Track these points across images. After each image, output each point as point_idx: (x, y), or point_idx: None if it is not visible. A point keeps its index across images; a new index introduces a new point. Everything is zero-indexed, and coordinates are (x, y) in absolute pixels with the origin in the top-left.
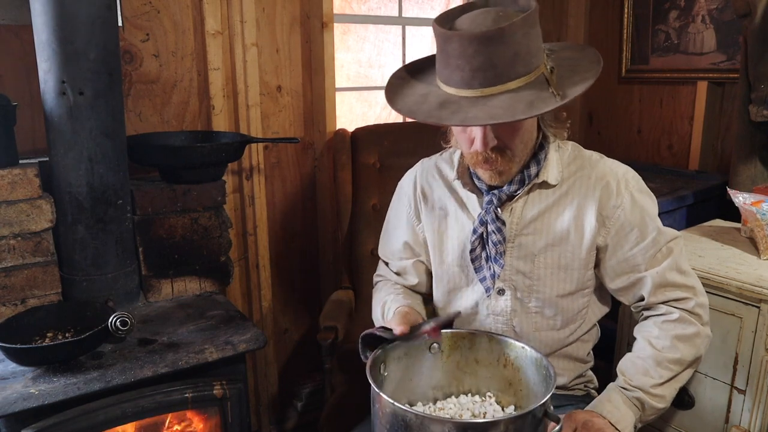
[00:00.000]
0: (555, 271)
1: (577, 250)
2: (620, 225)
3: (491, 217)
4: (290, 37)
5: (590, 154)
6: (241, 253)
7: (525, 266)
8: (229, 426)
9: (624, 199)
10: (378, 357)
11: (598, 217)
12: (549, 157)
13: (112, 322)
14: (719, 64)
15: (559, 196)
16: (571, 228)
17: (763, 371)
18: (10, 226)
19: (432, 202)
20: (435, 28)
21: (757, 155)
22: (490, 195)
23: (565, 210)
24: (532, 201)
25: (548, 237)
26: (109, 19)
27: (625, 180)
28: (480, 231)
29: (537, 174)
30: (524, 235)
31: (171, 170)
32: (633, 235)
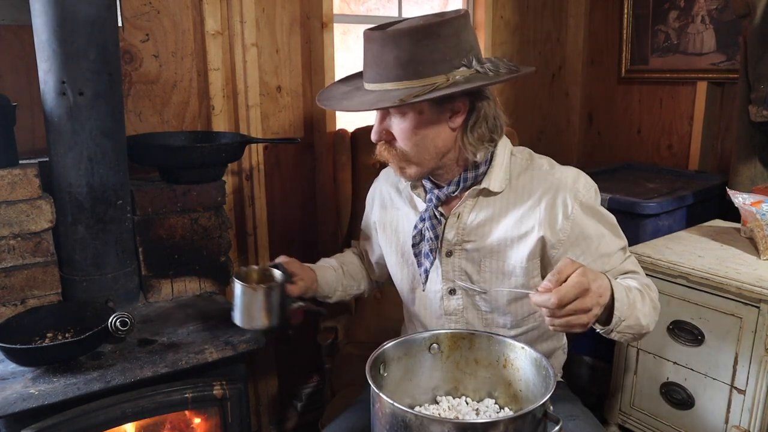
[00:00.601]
0: (499, 276)
1: (519, 258)
2: (567, 236)
3: (428, 215)
4: (290, 38)
5: (541, 163)
6: (241, 253)
7: (472, 270)
8: (229, 426)
9: (574, 210)
10: (378, 357)
11: (543, 226)
12: (494, 164)
13: (112, 322)
14: (719, 64)
15: (506, 204)
16: (514, 236)
17: (763, 371)
18: (10, 226)
19: (388, 203)
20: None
21: (757, 155)
22: (430, 194)
23: (509, 218)
24: (479, 207)
25: (492, 243)
26: (109, 20)
27: (574, 190)
28: (420, 227)
29: (476, 180)
30: (470, 241)
31: (171, 170)
32: (579, 247)
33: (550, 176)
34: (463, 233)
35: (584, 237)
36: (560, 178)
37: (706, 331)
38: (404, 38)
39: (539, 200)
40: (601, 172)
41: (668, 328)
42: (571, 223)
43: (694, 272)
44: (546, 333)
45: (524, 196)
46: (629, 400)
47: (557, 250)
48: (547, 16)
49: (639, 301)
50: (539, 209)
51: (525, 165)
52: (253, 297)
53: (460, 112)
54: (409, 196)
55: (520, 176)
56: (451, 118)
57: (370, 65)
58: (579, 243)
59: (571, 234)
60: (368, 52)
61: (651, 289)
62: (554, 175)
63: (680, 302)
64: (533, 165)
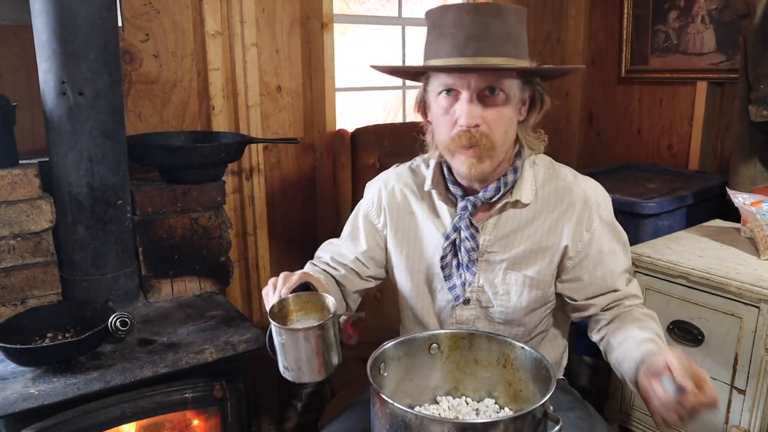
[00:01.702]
0: (520, 288)
1: (544, 270)
2: (584, 247)
3: (465, 224)
4: (290, 38)
5: (564, 174)
6: (241, 253)
7: (491, 281)
8: (228, 426)
9: (595, 224)
10: (378, 357)
11: (568, 237)
12: (524, 175)
13: (112, 322)
14: (719, 64)
15: (533, 216)
16: (540, 247)
17: (763, 371)
18: (10, 226)
19: (402, 205)
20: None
21: (757, 155)
22: (465, 201)
23: (536, 230)
24: (505, 218)
25: (516, 255)
26: (109, 20)
27: (597, 204)
28: (453, 237)
29: (513, 186)
30: (493, 252)
31: (171, 170)
32: (592, 261)
33: (576, 187)
34: (487, 244)
35: (599, 251)
36: (584, 189)
37: (706, 331)
38: (511, 15)
39: (565, 211)
40: (601, 172)
41: (668, 328)
42: (590, 236)
43: (694, 272)
44: (549, 336)
45: (550, 207)
46: (629, 400)
47: (572, 260)
48: (547, 16)
49: None
50: (566, 220)
51: (548, 174)
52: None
53: (526, 104)
54: (431, 202)
55: (544, 186)
56: (520, 109)
57: (473, 37)
58: (593, 256)
59: (587, 246)
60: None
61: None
62: (579, 185)
63: (680, 302)
64: (557, 175)
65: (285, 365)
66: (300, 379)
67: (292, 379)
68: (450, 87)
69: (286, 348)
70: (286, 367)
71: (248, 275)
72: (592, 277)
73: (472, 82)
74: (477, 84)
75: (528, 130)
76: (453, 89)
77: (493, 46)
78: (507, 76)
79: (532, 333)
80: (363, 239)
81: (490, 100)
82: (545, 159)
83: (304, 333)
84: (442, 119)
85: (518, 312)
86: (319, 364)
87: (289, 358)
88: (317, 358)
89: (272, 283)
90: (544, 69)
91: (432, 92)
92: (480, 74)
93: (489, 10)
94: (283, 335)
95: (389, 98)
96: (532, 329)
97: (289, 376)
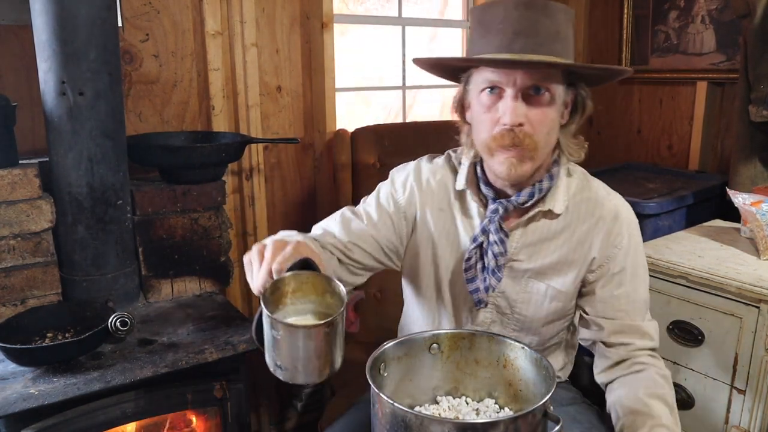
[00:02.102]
0: (541, 299)
1: (568, 283)
2: (608, 264)
3: (495, 227)
4: (290, 38)
5: (596, 187)
6: (241, 253)
7: (512, 289)
8: (228, 426)
9: (624, 241)
10: (378, 357)
11: (595, 250)
12: (559, 184)
13: (112, 322)
14: (719, 64)
15: (562, 227)
16: (567, 260)
17: (763, 371)
18: (10, 227)
19: (437, 201)
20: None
21: (757, 155)
22: (496, 204)
23: (564, 242)
24: (534, 227)
25: (542, 265)
26: (109, 19)
27: (627, 222)
28: (480, 240)
29: (546, 194)
30: (519, 260)
31: (171, 170)
32: (614, 280)
33: (607, 202)
34: (513, 251)
35: (621, 269)
36: (616, 205)
37: (706, 331)
38: (560, 14)
39: (596, 224)
40: (601, 172)
41: (668, 328)
42: (617, 253)
43: (694, 272)
44: (561, 346)
45: (581, 220)
46: None
47: (594, 274)
48: None
49: None
50: (596, 234)
51: (581, 186)
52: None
53: (568, 107)
54: (462, 201)
55: (575, 197)
56: (562, 112)
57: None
58: (615, 273)
59: (611, 262)
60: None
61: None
62: (611, 201)
63: (680, 302)
64: (590, 187)
65: (277, 363)
66: (294, 380)
67: (283, 378)
68: (494, 84)
69: (280, 344)
70: (278, 365)
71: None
72: (609, 294)
73: (517, 79)
74: (523, 81)
75: (569, 135)
76: (497, 87)
77: (541, 43)
78: (553, 76)
79: (546, 344)
80: (380, 222)
81: (534, 99)
82: (579, 170)
83: (305, 331)
84: (483, 117)
85: (536, 322)
86: (319, 365)
87: (283, 356)
88: (318, 360)
89: (258, 250)
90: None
91: (474, 90)
92: (526, 72)
93: (538, 7)
94: (279, 330)
95: (389, 98)
96: (546, 340)
97: (280, 375)
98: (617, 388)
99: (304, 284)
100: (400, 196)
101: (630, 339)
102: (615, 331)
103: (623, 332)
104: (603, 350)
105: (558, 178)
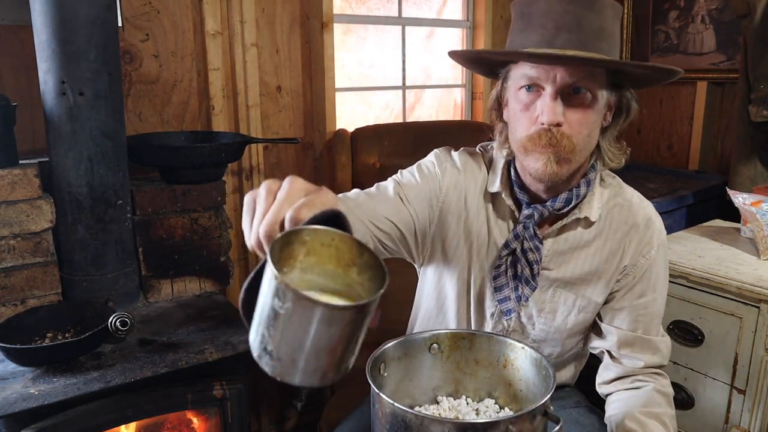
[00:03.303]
0: (570, 309)
1: (598, 294)
2: (634, 272)
3: (529, 234)
4: (290, 38)
5: (631, 195)
6: (241, 253)
7: (539, 299)
8: (228, 426)
9: (653, 251)
10: (378, 357)
11: (628, 259)
12: (594, 190)
13: (112, 322)
14: (719, 64)
15: (594, 236)
16: (598, 270)
17: (763, 371)
18: (10, 226)
19: (471, 202)
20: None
21: (757, 155)
22: (531, 209)
23: (595, 251)
24: (566, 234)
25: (572, 275)
26: (109, 20)
27: (659, 231)
28: (513, 246)
29: (583, 199)
30: (547, 269)
31: (171, 170)
32: (637, 290)
33: (641, 210)
34: (544, 260)
35: (646, 279)
36: (649, 213)
37: (706, 331)
38: (607, 9)
39: (628, 233)
40: None
41: (668, 328)
42: (645, 262)
43: (694, 272)
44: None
45: (614, 228)
46: None
47: (620, 282)
48: None
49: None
50: (628, 242)
51: (614, 193)
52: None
53: (612, 110)
54: (495, 204)
55: (609, 203)
56: (605, 114)
57: (564, 29)
58: (638, 285)
59: (638, 273)
60: (566, 14)
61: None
62: (644, 209)
63: (680, 302)
64: (624, 194)
65: (268, 348)
66: (283, 376)
67: (270, 371)
68: (533, 81)
69: (282, 323)
70: (268, 351)
71: (248, 275)
72: (628, 303)
73: (558, 76)
74: (563, 79)
75: (611, 139)
76: (536, 84)
77: (585, 40)
78: (596, 75)
79: (565, 355)
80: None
81: (575, 99)
82: (611, 175)
83: (328, 312)
84: (521, 115)
85: (560, 333)
86: (326, 364)
87: (281, 340)
88: (327, 357)
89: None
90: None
91: (512, 87)
92: (567, 69)
93: (584, 1)
94: (288, 301)
95: (389, 98)
96: (566, 351)
97: (266, 365)
98: (615, 402)
99: (325, 246)
100: (436, 183)
101: (639, 354)
102: (626, 342)
103: (634, 345)
104: (609, 363)
105: (594, 184)
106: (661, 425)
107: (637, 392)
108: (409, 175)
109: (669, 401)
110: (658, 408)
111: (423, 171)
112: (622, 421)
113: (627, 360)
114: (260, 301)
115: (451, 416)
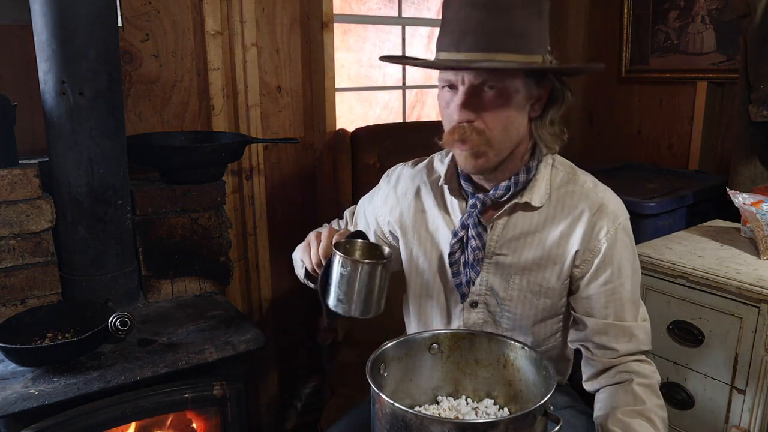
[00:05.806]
0: (528, 295)
1: (553, 278)
2: (594, 256)
3: (473, 221)
4: (290, 38)
5: (584, 180)
6: (241, 253)
7: (499, 285)
8: (228, 426)
9: (606, 235)
10: (378, 357)
11: (579, 242)
12: (538, 177)
13: (111, 322)
14: (719, 64)
15: (544, 220)
16: (550, 255)
17: (763, 371)
18: (10, 227)
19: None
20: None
21: (757, 155)
22: (474, 199)
23: (547, 235)
24: (515, 221)
25: (526, 260)
26: (109, 19)
27: (614, 214)
28: (461, 235)
29: (524, 187)
30: (502, 255)
31: (171, 170)
32: (602, 275)
33: (593, 194)
34: (496, 245)
35: (605, 266)
36: (603, 197)
37: (706, 331)
38: (516, 9)
39: (580, 216)
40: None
41: (668, 328)
42: (602, 246)
43: (694, 272)
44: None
45: (565, 213)
46: None
47: (580, 269)
48: None
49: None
50: (580, 225)
51: (566, 179)
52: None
53: (542, 100)
54: (442, 198)
55: (560, 190)
56: (533, 105)
57: (469, 32)
58: (600, 270)
59: (596, 256)
60: (469, 19)
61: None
62: (597, 194)
63: (680, 302)
64: (576, 180)
65: (339, 297)
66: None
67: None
68: (449, 82)
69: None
70: (340, 300)
71: (248, 275)
72: (594, 290)
73: (465, 78)
74: (470, 80)
75: (544, 127)
76: (452, 85)
77: (489, 41)
78: (507, 73)
79: (542, 344)
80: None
81: (486, 96)
82: (566, 163)
83: (369, 266)
84: (443, 113)
85: (525, 320)
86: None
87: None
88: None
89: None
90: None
91: (438, 86)
92: (473, 71)
93: (486, 4)
94: (348, 266)
95: (389, 98)
96: (541, 340)
97: (340, 308)
98: (600, 402)
99: (357, 249)
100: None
101: (614, 342)
102: (599, 330)
103: (608, 332)
104: (588, 356)
105: (537, 171)
106: (645, 421)
107: (618, 389)
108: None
109: (653, 391)
110: (641, 405)
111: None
112: (606, 425)
113: (603, 350)
114: (333, 274)
115: (451, 416)
